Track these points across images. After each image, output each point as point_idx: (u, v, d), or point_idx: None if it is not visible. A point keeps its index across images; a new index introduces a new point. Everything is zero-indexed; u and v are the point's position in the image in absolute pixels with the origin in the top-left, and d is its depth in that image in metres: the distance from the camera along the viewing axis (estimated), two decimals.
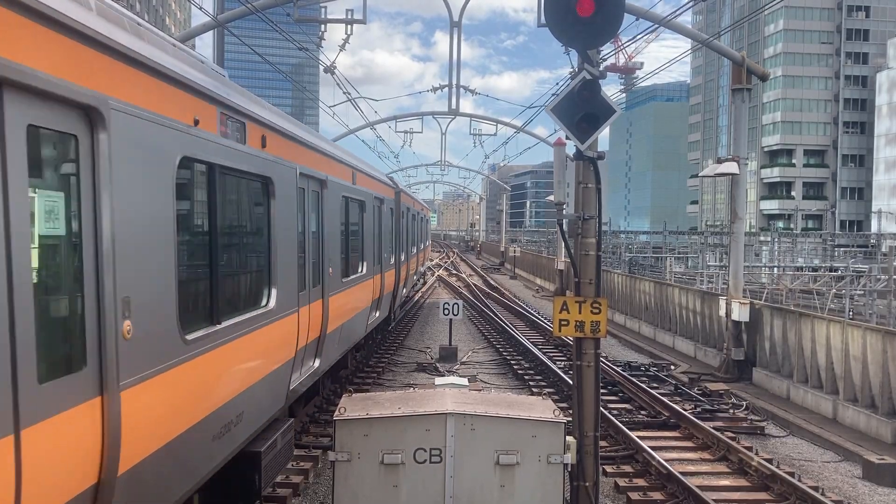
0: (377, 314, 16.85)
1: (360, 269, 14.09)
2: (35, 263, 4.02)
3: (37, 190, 4.06)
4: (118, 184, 4.67)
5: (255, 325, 7.42)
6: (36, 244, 4.05)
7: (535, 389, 16.33)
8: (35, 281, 3.99)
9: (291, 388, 9.09)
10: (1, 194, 3.65)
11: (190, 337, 5.79)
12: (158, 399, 5.25)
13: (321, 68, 22.89)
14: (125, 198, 4.78)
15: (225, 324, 6.60)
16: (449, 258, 77.07)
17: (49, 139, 4.21)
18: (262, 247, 7.98)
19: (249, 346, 7.29)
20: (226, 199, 6.91)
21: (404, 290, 24.35)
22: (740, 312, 18.57)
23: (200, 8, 15.79)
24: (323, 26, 21.11)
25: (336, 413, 7.56)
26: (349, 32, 20.69)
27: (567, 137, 8.02)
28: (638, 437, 12.44)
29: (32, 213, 3.99)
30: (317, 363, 10.51)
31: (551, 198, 8.69)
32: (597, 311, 8.12)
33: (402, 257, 22.11)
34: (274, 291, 8.06)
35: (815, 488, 10.54)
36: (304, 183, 9.51)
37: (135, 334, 4.86)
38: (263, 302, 7.92)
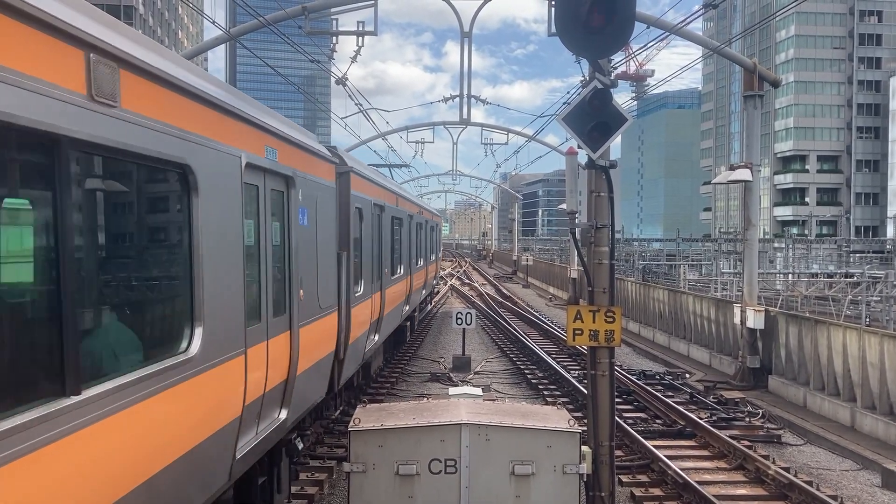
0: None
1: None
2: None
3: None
4: None
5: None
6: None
7: (549, 399, 16.27)
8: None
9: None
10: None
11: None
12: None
13: (333, 80, 23.01)
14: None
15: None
16: (461, 267, 77.06)
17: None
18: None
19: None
20: None
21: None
22: (755, 320, 18.45)
23: (213, 22, 15.96)
24: (334, 38, 21.22)
25: (351, 424, 7.57)
26: (360, 44, 20.79)
27: (579, 146, 8.03)
28: (654, 446, 12.37)
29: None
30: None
31: (563, 206, 8.70)
32: (611, 319, 8.10)
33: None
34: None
35: (834, 497, 10.43)
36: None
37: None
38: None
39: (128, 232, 5.23)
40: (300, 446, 9.10)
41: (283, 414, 7.88)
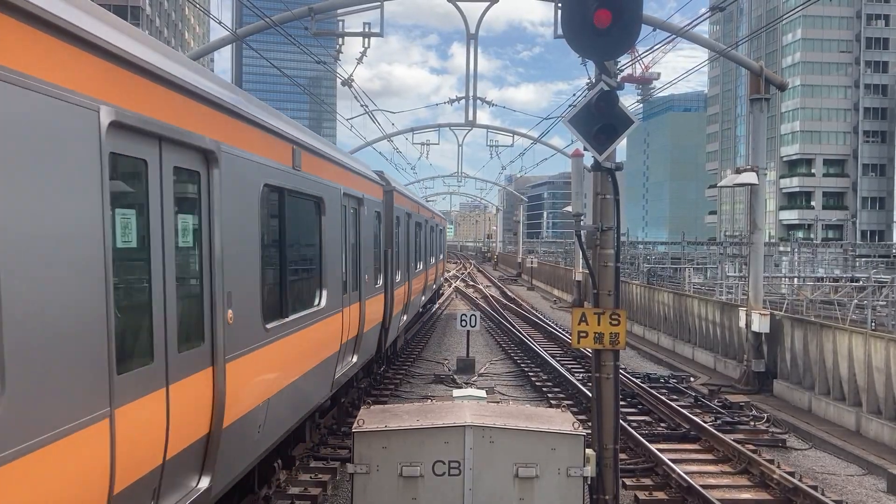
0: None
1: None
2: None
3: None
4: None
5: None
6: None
7: (553, 402, 16.25)
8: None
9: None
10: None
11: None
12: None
13: (338, 81, 23.03)
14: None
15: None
16: (466, 269, 77.06)
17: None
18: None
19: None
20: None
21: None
22: (760, 323, 18.40)
23: (220, 22, 15.99)
24: (340, 40, 21.24)
25: (354, 425, 7.56)
26: (366, 45, 20.80)
27: (585, 148, 8.02)
28: (658, 449, 12.34)
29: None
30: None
31: (569, 209, 8.68)
32: (616, 322, 8.08)
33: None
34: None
35: (839, 502, 10.40)
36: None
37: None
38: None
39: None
40: (363, 385, 15.28)
41: (355, 358, 11.92)
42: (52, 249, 3.90)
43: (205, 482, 5.87)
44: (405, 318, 18.86)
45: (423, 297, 25.07)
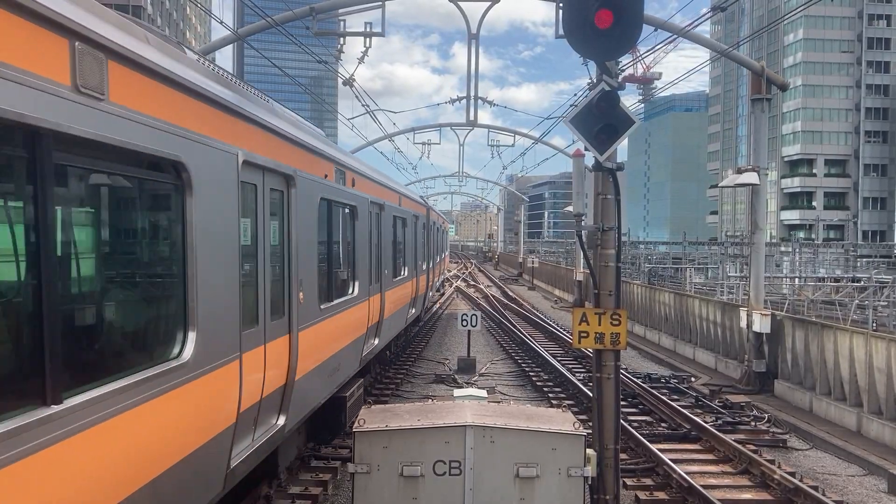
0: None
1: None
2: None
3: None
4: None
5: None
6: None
7: (554, 402, 16.25)
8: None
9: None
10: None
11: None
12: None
13: (340, 81, 23.03)
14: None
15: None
16: (467, 269, 77.05)
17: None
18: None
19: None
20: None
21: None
22: (761, 324, 18.39)
23: (221, 22, 16.00)
24: (341, 39, 21.25)
25: (355, 425, 7.57)
26: (368, 45, 20.80)
27: (586, 148, 8.02)
28: (658, 449, 12.34)
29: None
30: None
31: (570, 209, 8.68)
32: (616, 322, 8.08)
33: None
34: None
35: (840, 503, 10.41)
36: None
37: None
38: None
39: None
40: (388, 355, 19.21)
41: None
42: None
43: (377, 341, 11.15)
44: (424, 300, 25.50)
45: (438, 282, 35.43)
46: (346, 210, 11.43)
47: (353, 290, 11.64)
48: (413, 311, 21.20)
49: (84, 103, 4.15)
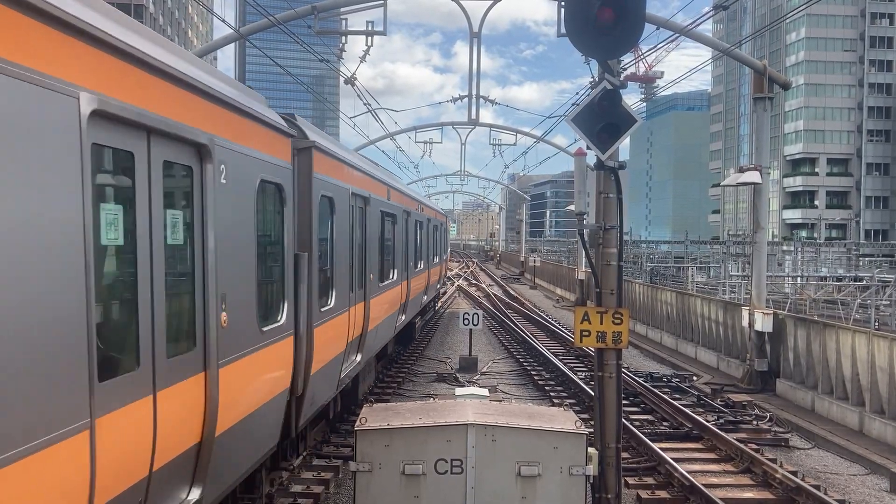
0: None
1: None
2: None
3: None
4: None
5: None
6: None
7: (556, 400, 16.24)
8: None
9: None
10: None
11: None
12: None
13: (342, 79, 23.04)
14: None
15: None
16: (469, 268, 77.06)
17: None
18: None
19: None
20: None
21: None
22: (763, 323, 18.38)
23: (223, 20, 16.01)
24: (343, 38, 21.25)
25: (357, 423, 7.57)
26: (369, 44, 20.81)
27: (588, 147, 8.02)
28: (660, 448, 12.33)
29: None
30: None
31: (571, 208, 8.68)
32: (618, 321, 8.08)
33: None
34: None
35: (842, 502, 10.39)
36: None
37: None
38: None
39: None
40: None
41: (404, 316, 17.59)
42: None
43: (403, 316, 16.32)
44: (438, 286, 31.12)
45: (446, 272, 42.40)
46: (400, 217, 16.05)
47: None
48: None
49: None
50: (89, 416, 4.03)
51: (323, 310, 9.35)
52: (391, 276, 15.53)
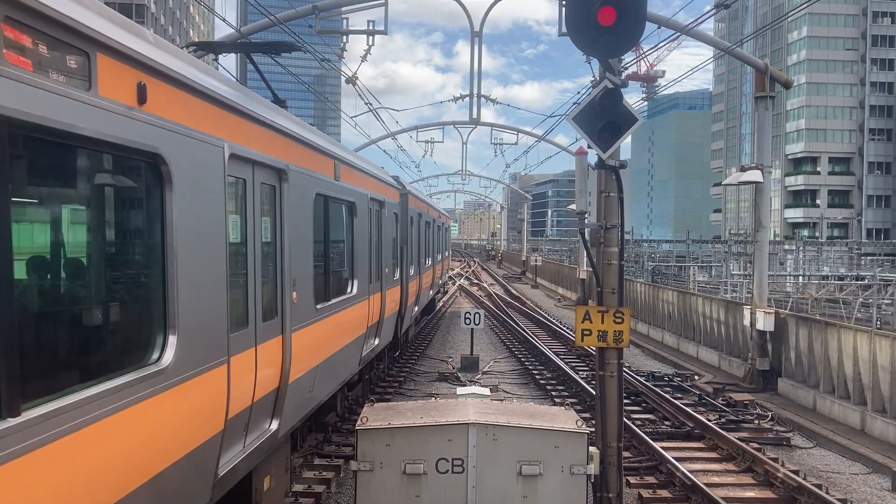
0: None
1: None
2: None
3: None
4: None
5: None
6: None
7: (557, 399, 16.24)
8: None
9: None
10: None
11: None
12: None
13: (343, 79, 23.04)
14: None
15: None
16: (470, 267, 77.06)
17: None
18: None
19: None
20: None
21: None
22: (765, 322, 18.36)
23: (224, 20, 16.01)
24: (345, 38, 21.25)
25: (358, 422, 7.57)
26: (371, 44, 20.81)
27: (589, 146, 8.01)
28: (662, 447, 12.33)
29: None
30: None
31: (573, 207, 8.68)
32: (619, 320, 8.07)
33: None
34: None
35: (844, 501, 10.38)
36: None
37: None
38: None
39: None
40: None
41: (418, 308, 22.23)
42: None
43: (418, 308, 22.17)
44: (445, 277, 36.02)
45: (449, 268, 48.59)
46: (424, 223, 19.68)
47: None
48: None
49: None
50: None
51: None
52: (429, 262, 25.06)
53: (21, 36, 3.46)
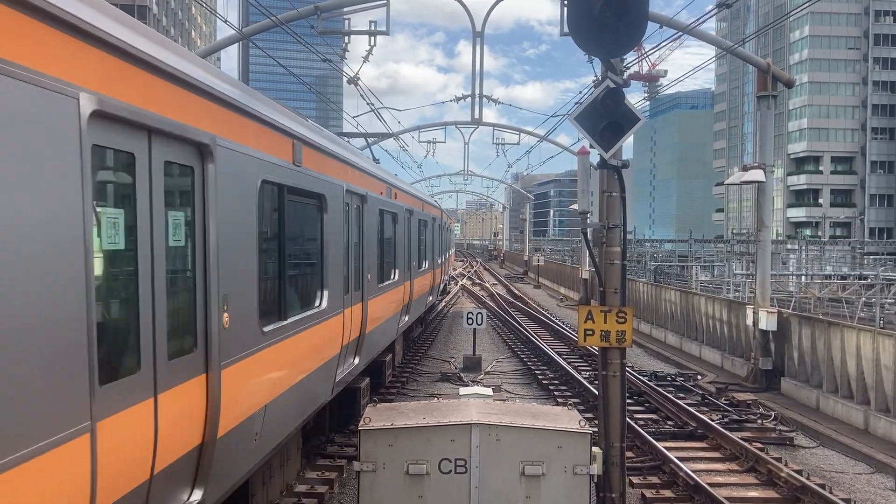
0: None
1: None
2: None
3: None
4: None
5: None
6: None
7: (560, 400, 16.23)
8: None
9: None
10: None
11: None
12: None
13: (345, 79, 23.04)
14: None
15: None
16: (472, 267, 77.05)
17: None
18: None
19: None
20: None
21: None
22: (768, 321, 18.34)
23: (226, 21, 16.01)
24: (346, 38, 21.25)
25: (361, 423, 7.57)
26: (373, 44, 20.81)
27: (591, 146, 8.01)
28: (665, 447, 12.32)
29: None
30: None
31: (575, 206, 8.68)
32: (622, 320, 8.07)
33: None
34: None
35: (847, 501, 10.36)
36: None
37: None
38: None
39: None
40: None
41: (432, 298, 26.08)
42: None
43: (432, 298, 25.77)
44: (449, 274, 37.99)
45: (452, 267, 46.83)
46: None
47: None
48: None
49: None
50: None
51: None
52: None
53: None
